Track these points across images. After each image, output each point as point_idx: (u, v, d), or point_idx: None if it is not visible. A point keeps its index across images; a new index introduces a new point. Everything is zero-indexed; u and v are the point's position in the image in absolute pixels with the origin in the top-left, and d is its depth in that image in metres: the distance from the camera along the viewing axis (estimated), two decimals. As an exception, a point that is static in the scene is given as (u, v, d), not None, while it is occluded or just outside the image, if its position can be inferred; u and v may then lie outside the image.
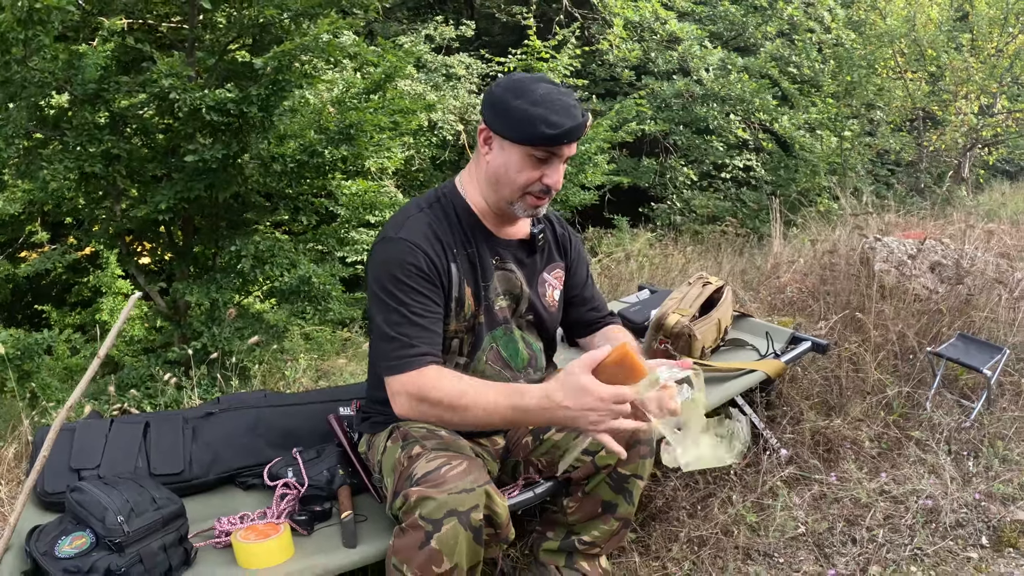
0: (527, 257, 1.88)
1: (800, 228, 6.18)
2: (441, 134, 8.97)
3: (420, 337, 1.63)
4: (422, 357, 1.61)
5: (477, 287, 1.78)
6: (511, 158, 1.66)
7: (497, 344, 1.86)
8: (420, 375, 1.59)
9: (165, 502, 1.67)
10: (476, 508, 1.48)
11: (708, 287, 2.59)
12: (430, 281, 1.68)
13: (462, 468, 1.53)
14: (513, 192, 1.70)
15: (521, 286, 1.86)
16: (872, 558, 2.30)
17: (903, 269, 3.90)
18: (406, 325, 1.63)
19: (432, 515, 1.46)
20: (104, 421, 2.10)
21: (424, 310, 1.66)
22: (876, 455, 2.80)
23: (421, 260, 1.66)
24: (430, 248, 1.69)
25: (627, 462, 1.83)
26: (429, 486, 1.49)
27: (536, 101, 1.61)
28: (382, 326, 1.65)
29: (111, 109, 4.50)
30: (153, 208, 4.38)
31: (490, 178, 1.72)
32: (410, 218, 1.73)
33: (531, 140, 1.62)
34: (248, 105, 4.11)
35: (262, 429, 2.12)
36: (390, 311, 1.64)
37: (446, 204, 1.79)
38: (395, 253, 1.66)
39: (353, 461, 1.97)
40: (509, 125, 1.63)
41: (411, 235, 1.68)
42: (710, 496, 2.51)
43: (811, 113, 9.78)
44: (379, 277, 1.66)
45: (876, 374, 3.16)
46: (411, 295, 1.65)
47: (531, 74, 1.70)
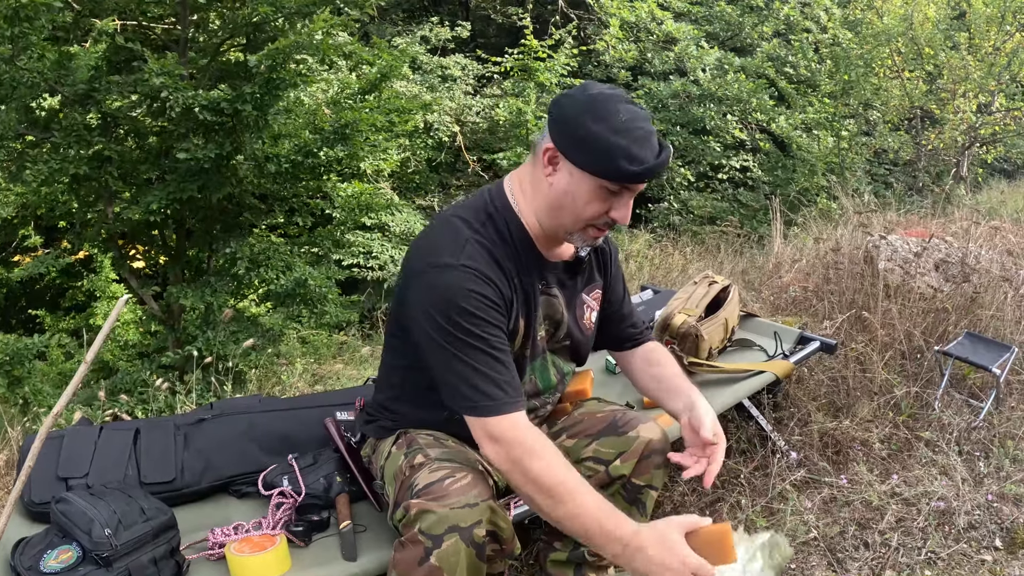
0: (569, 279, 1.72)
1: (800, 228, 6.14)
2: (437, 136, 8.92)
3: (510, 375, 1.49)
4: (518, 400, 1.47)
5: (529, 318, 1.63)
6: (580, 187, 1.47)
7: (535, 375, 1.74)
8: (520, 422, 1.45)
9: (155, 513, 1.60)
10: (479, 524, 1.40)
11: (714, 286, 2.53)
12: (500, 312, 1.51)
13: (466, 482, 1.45)
14: (575, 223, 1.52)
15: (562, 311, 1.71)
16: (885, 562, 2.24)
17: (907, 267, 3.85)
18: (492, 362, 1.46)
19: (432, 530, 1.38)
20: (93, 428, 2.03)
21: (501, 343, 1.49)
22: (886, 457, 2.75)
23: (489, 289, 1.48)
24: (496, 277, 1.51)
25: (642, 472, 1.75)
26: (430, 499, 1.41)
27: (618, 128, 1.41)
28: (456, 361, 1.46)
29: (102, 110, 4.43)
30: (145, 209, 4.31)
31: (552, 203, 1.52)
32: (468, 243, 1.51)
33: (609, 175, 1.44)
34: (242, 104, 4.04)
35: (256, 435, 2.05)
36: (466, 347, 1.45)
37: (499, 222, 1.57)
38: (459, 281, 1.45)
39: (351, 467, 1.90)
40: (585, 153, 1.44)
41: (475, 262, 1.48)
42: (719, 501, 2.45)
43: (808, 113, 9.75)
44: (442, 308, 1.45)
45: (883, 374, 3.11)
46: (485, 328, 1.47)
47: (608, 88, 1.49)
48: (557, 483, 1.39)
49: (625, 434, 1.75)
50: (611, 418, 1.80)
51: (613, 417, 1.80)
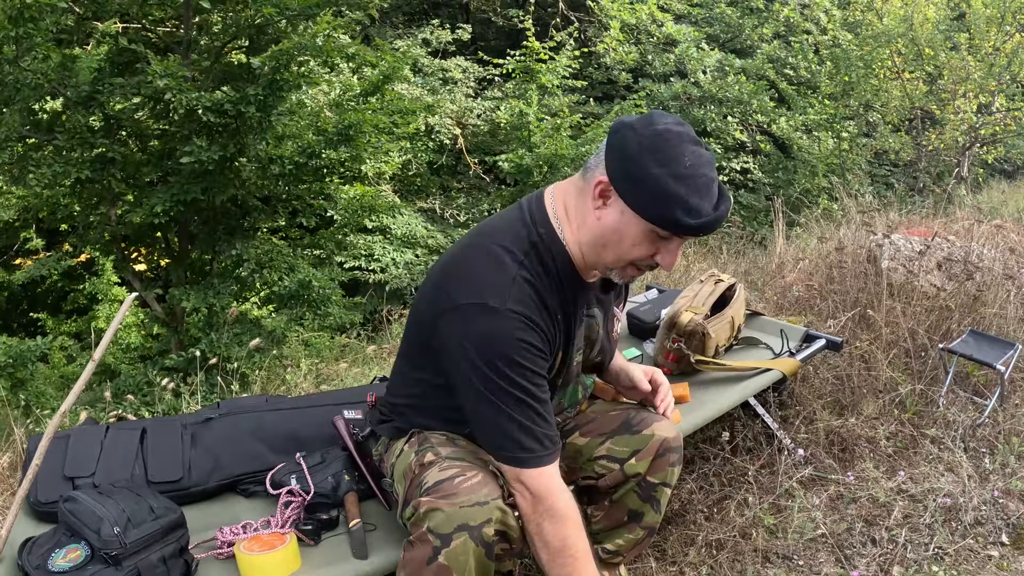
0: (603, 294, 1.67)
1: (803, 228, 6.13)
2: (438, 138, 8.93)
3: (550, 427, 1.47)
4: (555, 452, 1.48)
5: (568, 348, 1.59)
6: (630, 229, 1.38)
7: (564, 399, 1.75)
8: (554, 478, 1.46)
9: (164, 511, 1.60)
10: (488, 523, 1.39)
11: (720, 284, 2.53)
12: (545, 358, 1.46)
13: (476, 480, 1.44)
14: (617, 261, 1.44)
15: (598, 329, 1.69)
16: (893, 559, 2.24)
17: (911, 266, 3.85)
18: (533, 414, 1.43)
19: (441, 528, 1.37)
20: (100, 427, 2.03)
21: (543, 392, 1.46)
22: (892, 454, 2.75)
23: (537, 338, 1.42)
24: (542, 320, 1.44)
25: (657, 470, 1.74)
26: (439, 497, 1.40)
27: (680, 175, 1.31)
28: (497, 412, 1.42)
29: (105, 112, 4.44)
30: (149, 212, 4.32)
31: (597, 238, 1.43)
32: (515, 283, 1.42)
33: (663, 224, 1.34)
34: (246, 105, 4.06)
35: (264, 434, 2.04)
36: (510, 398, 1.41)
37: (544, 253, 1.47)
38: (508, 330, 1.39)
39: (360, 466, 1.89)
40: (641, 196, 1.34)
41: (524, 307, 1.41)
42: (726, 499, 2.44)
43: (809, 114, 9.77)
44: (489, 358, 1.39)
45: (888, 372, 3.10)
46: (530, 377, 1.42)
47: (675, 124, 1.37)
48: (566, 547, 1.44)
49: (640, 432, 1.74)
50: (624, 416, 1.79)
51: (627, 416, 1.79)
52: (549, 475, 1.45)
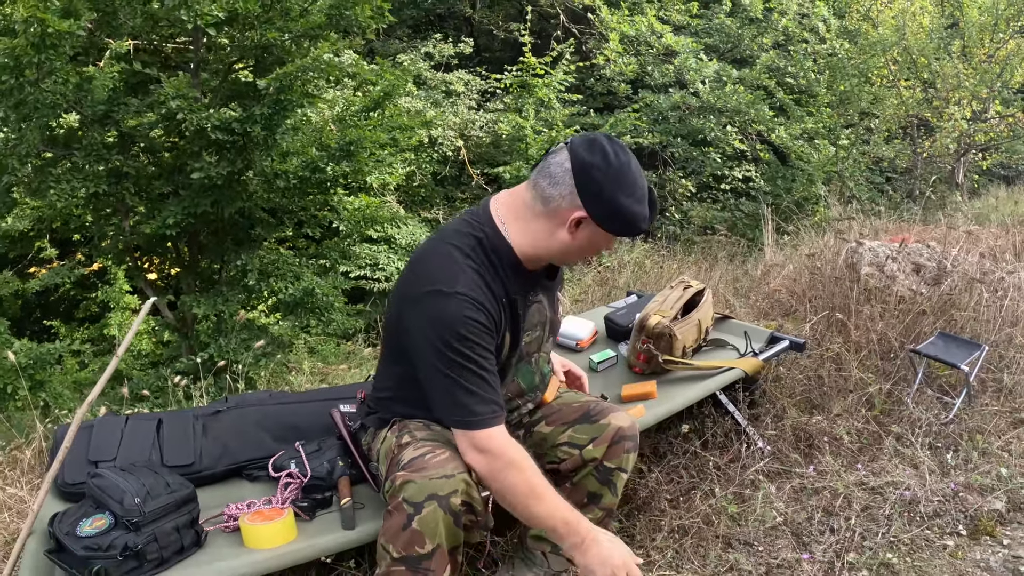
0: (548, 280, 1.93)
1: (793, 236, 6.30)
2: (441, 150, 9.13)
3: (494, 392, 1.69)
4: (500, 415, 1.69)
5: (515, 331, 1.83)
6: (597, 239, 1.73)
7: (519, 378, 1.96)
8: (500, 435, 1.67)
9: (178, 486, 1.80)
10: (455, 493, 1.61)
11: (689, 290, 2.72)
12: (491, 334, 1.70)
13: (444, 456, 1.67)
14: (578, 260, 1.85)
15: (546, 313, 1.94)
16: (849, 546, 2.40)
17: (885, 271, 4.01)
18: (480, 381, 1.66)
19: (414, 498, 1.59)
20: (119, 418, 2.24)
21: (489, 363, 1.69)
22: (856, 450, 2.91)
23: (482, 315, 1.66)
24: (488, 302, 1.69)
25: (613, 456, 1.96)
26: (412, 471, 1.63)
27: (640, 197, 1.68)
28: (450, 382, 1.65)
29: (120, 129, 4.67)
30: (161, 223, 4.55)
31: (566, 251, 1.75)
32: (463, 272, 1.69)
33: (627, 232, 1.72)
34: (251, 124, 4.28)
35: (267, 424, 2.25)
36: (460, 368, 1.64)
37: (488, 250, 1.75)
38: (456, 309, 1.64)
39: (353, 453, 2.09)
40: (615, 222, 1.68)
41: (469, 290, 1.66)
42: (693, 489, 2.62)
43: (807, 123, 9.87)
44: (441, 334, 1.64)
45: (858, 373, 3.27)
46: (477, 351, 1.66)
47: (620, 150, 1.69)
48: (532, 488, 1.65)
49: (598, 422, 1.97)
50: (586, 408, 2.02)
51: (588, 407, 2.02)
52: (500, 433, 1.68)
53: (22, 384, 4.41)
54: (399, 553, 1.60)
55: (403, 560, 1.61)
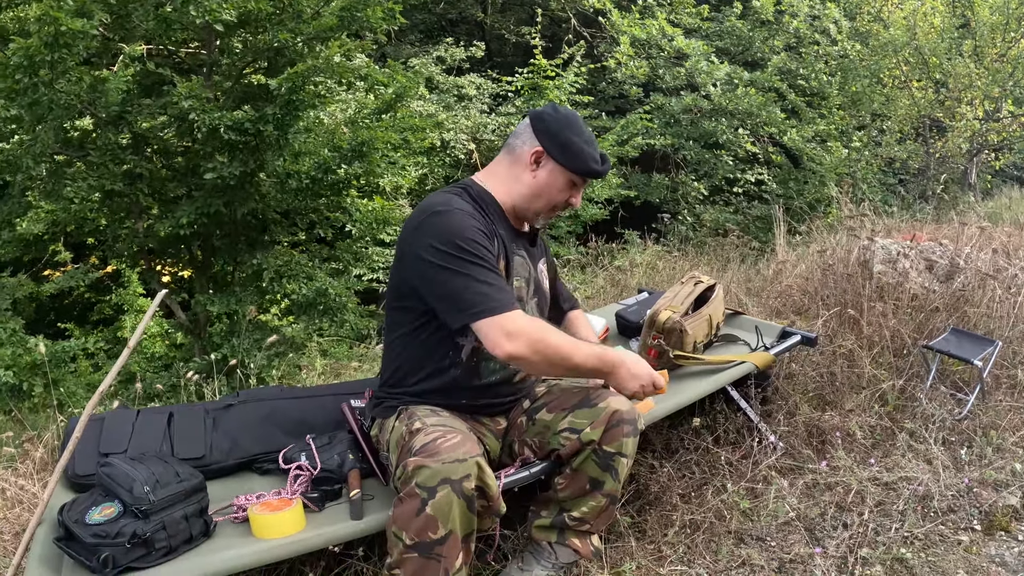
0: (531, 247, 2.14)
1: (805, 236, 6.27)
2: (454, 153, 9.15)
3: (502, 284, 1.83)
4: (512, 300, 1.82)
5: (508, 265, 1.98)
6: (558, 180, 1.98)
7: None
8: (523, 315, 1.81)
9: (188, 476, 1.81)
10: (468, 477, 1.61)
11: (699, 285, 2.71)
12: (489, 248, 1.85)
13: (456, 440, 1.68)
14: (546, 206, 2.00)
15: (530, 270, 2.10)
16: (862, 541, 2.37)
17: (898, 268, 3.99)
18: (491, 274, 1.80)
19: (427, 483, 1.59)
20: (131, 411, 2.26)
21: (494, 264, 1.85)
22: (869, 445, 2.89)
23: (483, 225, 1.88)
24: (482, 223, 1.89)
25: (611, 440, 1.95)
26: (425, 456, 1.63)
27: (588, 140, 1.97)
28: (465, 279, 1.78)
29: (133, 130, 4.70)
30: (175, 224, 4.57)
31: (533, 192, 1.99)
32: (457, 199, 1.91)
33: (581, 172, 1.96)
34: (264, 124, 4.30)
35: (278, 419, 2.26)
36: (472, 265, 1.78)
37: (472, 193, 1.98)
38: (458, 220, 1.82)
39: (363, 447, 2.10)
40: (568, 156, 1.95)
41: (466, 210, 1.87)
42: (704, 484, 2.61)
43: (818, 125, 9.84)
44: (449, 238, 1.79)
45: (871, 369, 3.25)
46: (483, 251, 1.82)
47: (572, 111, 2.03)
48: (568, 347, 1.84)
49: (595, 405, 1.98)
50: (586, 393, 2.03)
51: (588, 393, 2.03)
52: (521, 314, 1.81)
53: (37, 382, 4.45)
54: (412, 539, 1.60)
55: (416, 546, 1.61)
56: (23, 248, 6.86)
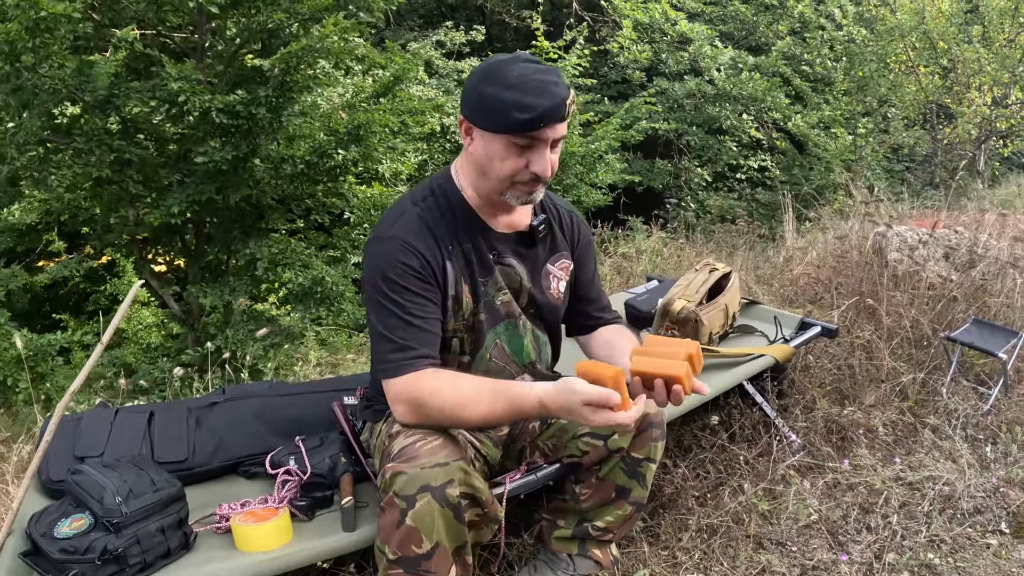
0: (527, 249, 1.80)
1: (813, 223, 6.13)
2: (454, 139, 8.98)
3: (416, 339, 1.59)
4: (417, 360, 1.58)
5: (475, 284, 1.72)
6: (492, 148, 1.57)
7: (501, 340, 1.80)
8: (416, 379, 1.57)
9: (164, 484, 1.67)
10: (451, 483, 1.46)
11: (714, 273, 2.56)
12: (425, 280, 1.62)
13: (436, 443, 1.52)
14: (501, 183, 1.61)
15: (521, 281, 1.79)
16: (887, 545, 2.25)
17: (915, 257, 3.85)
18: (401, 327, 1.59)
19: (405, 490, 1.44)
20: (109, 411, 2.11)
21: (420, 310, 1.61)
22: (891, 442, 2.76)
23: (413, 259, 1.61)
24: (423, 246, 1.63)
25: (640, 446, 1.80)
26: (402, 461, 1.48)
27: (510, 85, 1.51)
28: (377, 328, 1.62)
29: (122, 115, 4.54)
30: (166, 212, 4.41)
31: (476, 169, 1.65)
32: (404, 214, 1.66)
33: (507, 128, 1.52)
34: (256, 106, 4.13)
35: (266, 417, 2.11)
36: (385, 313, 1.60)
37: (440, 197, 1.71)
38: (387, 252, 1.61)
39: (355, 449, 1.95)
40: (483, 114, 1.55)
41: (404, 232, 1.62)
42: (721, 485, 2.47)
43: (824, 111, 9.71)
44: (372, 278, 1.61)
45: (890, 362, 3.11)
46: (405, 295, 1.60)
47: (509, 55, 1.60)
48: (457, 405, 1.54)
49: None
50: None
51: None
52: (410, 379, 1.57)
53: (24, 377, 4.31)
54: (395, 554, 1.46)
55: (399, 561, 1.46)
56: (16, 238, 6.75)
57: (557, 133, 1.56)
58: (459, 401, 1.54)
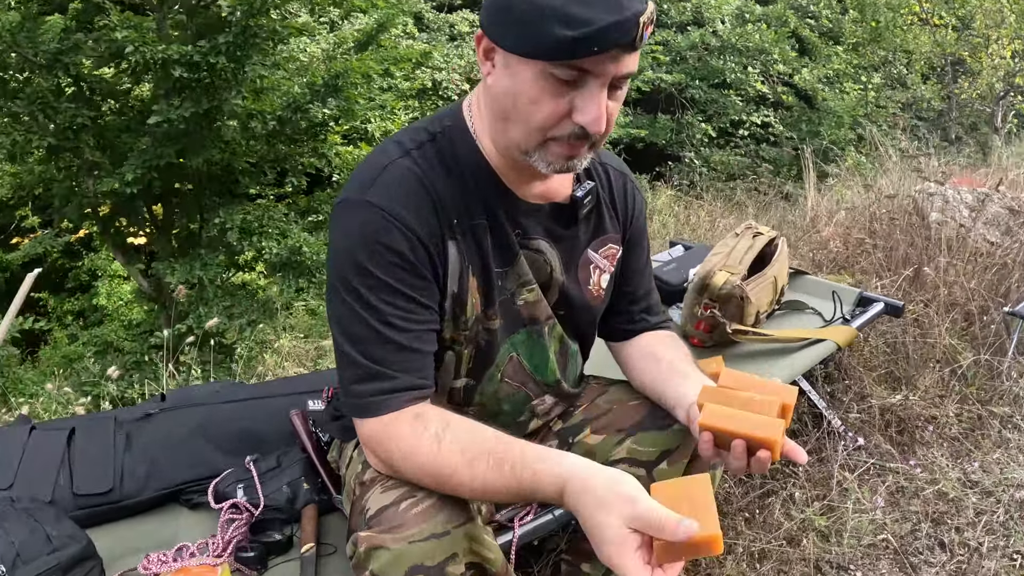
0: (564, 228, 1.26)
1: (835, 179, 5.70)
2: (447, 94, 8.55)
3: (396, 363, 1.09)
4: (393, 397, 1.09)
5: (488, 277, 1.20)
6: (521, 81, 1.02)
7: (519, 353, 1.30)
8: (390, 427, 1.08)
9: (65, 542, 1.26)
10: (454, 559, 1.01)
11: (759, 239, 2.13)
12: (415, 272, 1.10)
13: (429, 503, 1.05)
14: (528, 135, 1.06)
15: (552, 273, 1.26)
16: (966, 568, 1.87)
17: (964, 219, 3.44)
18: (374, 343, 1.08)
19: (388, 572, 0.99)
20: (24, 428, 1.70)
21: (405, 318, 1.10)
22: (959, 436, 2.37)
23: (400, 240, 1.08)
24: (416, 219, 1.10)
25: (694, 472, 1.32)
26: (382, 530, 1.02)
27: None
28: (340, 340, 1.11)
29: (71, 74, 4.05)
30: (120, 180, 3.95)
31: (496, 112, 1.10)
32: (388, 168, 1.11)
33: (543, 51, 0.98)
34: (215, 55, 3.64)
35: (212, 432, 1.69)
36: (353, 319, 1.09)
37: (444, 146, 1.15)
38: (361, 227, 1.08)
39: (321, 472, 1.55)
40: (509, 26, 1.00)
41: (387, 198, 1.09)
42: (769, 495, 2.08)
43: (833, 64, 9.33)
44: (338, 264, 1.10)
45: (947, 339, 2.71)
46: (385, 295, 1.08)
47: None
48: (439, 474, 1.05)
49: (670, 427, 1.31)
50: (649, 406, 1.35)
51: (652, 405, 1.35)
52: (395, 420, 1.08)
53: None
54: None
55: None
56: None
57: (622, 68, 1.01)
58: (442, 472, 1.04)
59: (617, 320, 1.44)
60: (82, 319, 8.82)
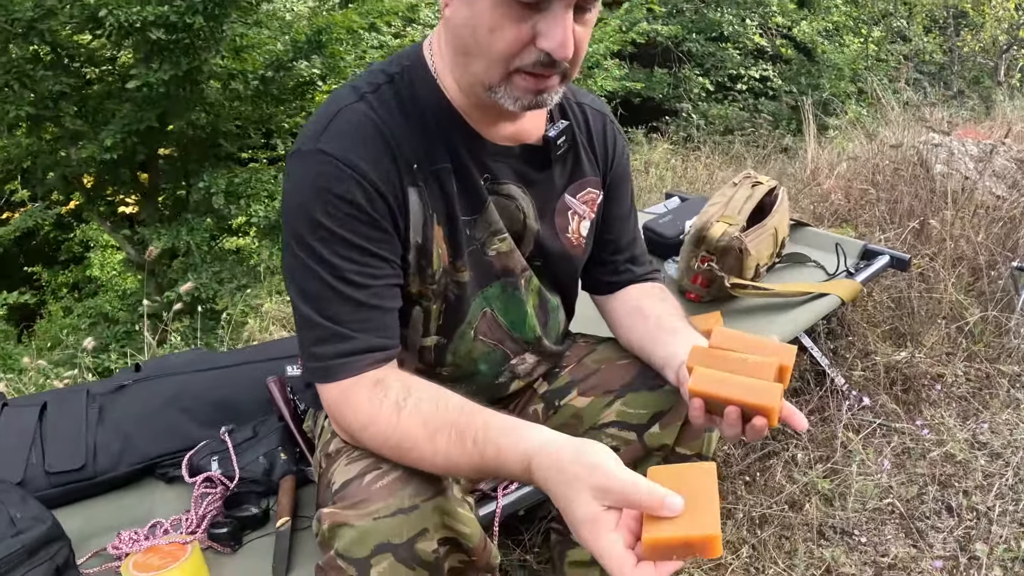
0: (537, 171, 1.17)
1: (836, 131, 5.58)
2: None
3: (355, 321, 1.02)
4: (354, 359, 1.01)
5: (454, 226, 1.11)
6: (480, 10, 0.94)
7: (493, 308, 1.21)
8: (349, 393, 1.01)
9: (30, 524, 1.19)
10: (424, 535, 0.93)
11: (759, 188, 2.03)
12: (373, 224, 1.02)
13: (395, 475, 0.97)
14: (490, 66, 0.98)
15: (525, 220, 1.18)
16: (974, 534, 1.81)
17: (969, 171, 3.35)
18: (331, 301, 1.01)
19: (353, 551, 0.91)
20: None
21: (362, 273, 1.02)
22: (967, 396, 2.30)
23: (355, 190, 1.00)
24: (372, 166, 1.02)
25: (690, 439, 1.22)
26: (346, 506, 0.94)
27: None
28: (298, 301, 1.04)
29: (48, 42, 3.91)
30: (100, 147, 3.83)
31: (456, 47, 1.02)
32: (339, 114, 1.03)
33: None
34: (192, 15, 3.50)
35: (187, 402, 1.62)
36: (308, 275, 1.01)
37: (402, 87, 1.07)
38: (314, 178, 1.00)
39: (299, 440, 1.47)
40: None
41: (340, 145, 1.01)
42: (770, 457, 2.01)
43: (832, 16, 9.15)
44: (292, 217, 1.02)
45: (953, 294, 2.63)
46: (340, 248, 1.00)
47: None
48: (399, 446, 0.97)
49: (661, 387, 1.21)
50: (639, 365, 1.26)
51: (642, 364, 1.26)
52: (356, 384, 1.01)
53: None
54: None
55: None
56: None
57: None
58: (402, 445, 0.97)
59: (600, 271, 1.34)
60: (77, 291, 8.77)
